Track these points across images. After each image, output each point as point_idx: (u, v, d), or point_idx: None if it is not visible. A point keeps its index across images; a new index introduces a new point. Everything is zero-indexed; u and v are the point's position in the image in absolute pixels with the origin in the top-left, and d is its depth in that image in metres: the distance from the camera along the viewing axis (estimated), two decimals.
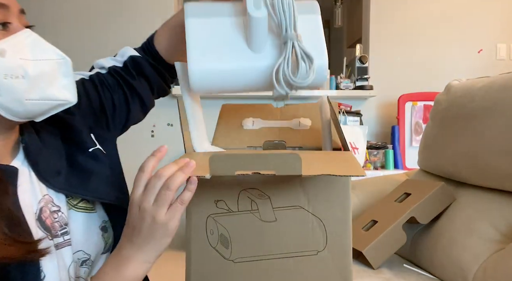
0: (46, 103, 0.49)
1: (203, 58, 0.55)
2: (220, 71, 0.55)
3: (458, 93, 1.00)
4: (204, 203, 0.56)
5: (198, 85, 0.55)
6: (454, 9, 2.74)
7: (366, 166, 2.25)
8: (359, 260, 0.91)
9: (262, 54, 0.55)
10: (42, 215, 0.53)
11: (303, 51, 0.53)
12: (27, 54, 0.47)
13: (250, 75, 0.56)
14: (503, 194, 0.86)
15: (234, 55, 0.55)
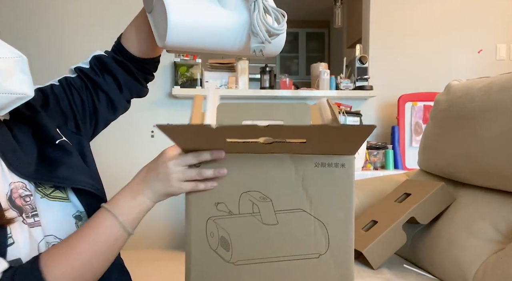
0: (5, 96, 0.55)
1: (181, 10, 0.56)
2: (197, 25, 0.57)
3: (458, 93, 1.00)
4: (205, 205, 0.56)
5: (174, 39, 0.56)
6: (454, 9, 2.74)
7: (366, 167, 2.25)
8: (359, 260, 0.91)
9: (234, 12, 0.59)
10: (13, 196, 0.57)
11: (272, 6, 0.58)
12: None
13: (225, 30, 0.58)
14: (503, 194, 0.86)
15: (209, 10, 0.58)
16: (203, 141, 0.52)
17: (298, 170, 0.54)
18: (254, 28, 0.56)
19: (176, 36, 0.56)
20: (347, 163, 0.52)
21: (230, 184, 0.55)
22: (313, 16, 5.02)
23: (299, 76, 5.11)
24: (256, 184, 0.54)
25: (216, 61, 2.62)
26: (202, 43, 0.58)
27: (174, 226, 2.64)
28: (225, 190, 0.55)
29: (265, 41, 0.57)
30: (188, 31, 0.56)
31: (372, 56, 2.68)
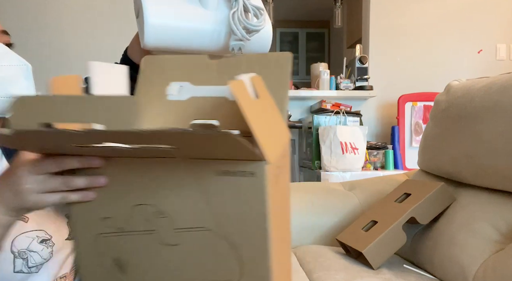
0: (10, 100, 0.57)
1: (159, 11, 0.56)
2: (175, 26, 0.57)
3: (458, 93, 1.00)
4: (91, 220, 0.47)
5: (152, 40, 0.57)
6: (454, 10, 2.74)
7: (366, 167, 2.25)
8: (359, 260, 0.91)
9: (214, 11, 0.59)
10: None
11: (253, 4, 0.60)
12: None
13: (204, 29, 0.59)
14: (503, 195, 0.86)
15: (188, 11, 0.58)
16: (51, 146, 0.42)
17: (197, 178, 0.43)
18: (231, 25, 0.58)
19: (153, 37, 0.56)
20: (258, 171, 0.40)
21: (116, 195, 0.45)
22: (313, 16, 5.02)
23: (299, 76, 5.11)
24: (149, 196, 0.44)
25: None
26: (182, 43, 0.59)
27: None
28: (112, 203, 0.45)
29: (243, 38, 0.59)
30: (165, 31, 0.57)
31: (372, 56, 2.68)
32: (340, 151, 2.06)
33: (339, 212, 1.16)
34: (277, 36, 5.22)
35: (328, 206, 1.17)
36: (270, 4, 2.96)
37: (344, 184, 1.31)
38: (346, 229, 1.01)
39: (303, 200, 1.18)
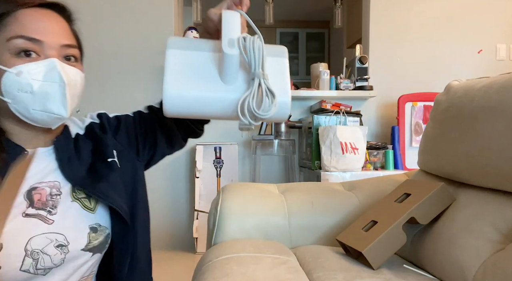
0: (47, 114, 0.65)
1: (177, 84, 0.60)
2: (191, 98, 0.61)
3: (458, 93, 1.00)
4: None
5: (170, 109, 0.61)
6: (454, 10, 2.74)
7: (366, 167, 2.25)
8: (359, 261, 0.91)
9: (232, 87, 0.62)
10: (33, 191, 0.66)
11: (268, 88, 0.60)
12: (39, 76, 0.64)
13: (219, 104, 0.61)
14: (503, 195, 0.86)
15: (207, 84, 0.61)
16: None
17: None
18: (238, 112, 0.60)
19: (171, 107, 0.61)
20: None
21: None
22: (313, 16, 5.02)
23: (299, 76, 5.12)
24: None
25: None
26: (198, 113, 0.63)
27: (173, 227, 2.64)
28: None
29: (250, 125, 0.62)
30: (183, 102, 0.61)
31: (372, 56, 2.68)
32: (340, 151, 2.06)
33: (339, 212, 1.16)
34: (277, 36, 5.22)
35: (328, 206, 1.17)
36: (270, 4, 2.96)
37: (344, 184, 1.31)
38: (346, 229, 1.01)
39: (303, 200, 1.18)
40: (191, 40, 0.67)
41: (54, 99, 0.64)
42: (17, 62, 0.63)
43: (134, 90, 2.58)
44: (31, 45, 0.64)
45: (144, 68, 2.58)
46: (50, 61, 0.65)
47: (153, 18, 2.54)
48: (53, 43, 0.66)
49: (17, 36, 0.64)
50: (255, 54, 0.60)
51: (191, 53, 0.63)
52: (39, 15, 0.67)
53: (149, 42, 2.57)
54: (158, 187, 2.54)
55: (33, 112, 0.64)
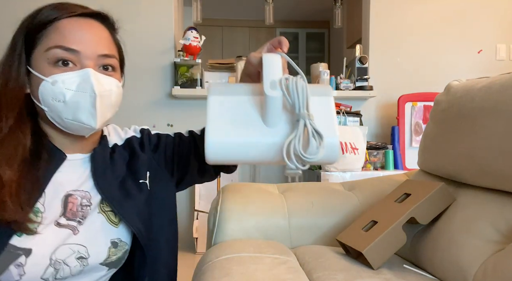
0: (77, 124, 0.67)
1: (220, 131, 0.59)
2: (234, 144, 0.59)
3: (458, 93, 1.00)
4: None
5: (212, 156, 0.59)
6: (454, 10, 2.74)
7: (366, 167, 2.25)
8: (359, 261, 0.91)
9: (276, 130, 0.59)
10: (69, 198, 0.68)
11: (314, 129, 0.57)
12: (73, 86, 0.65)
13: (263, 149, 0.59)
14: (503, 195, 0.86)
15: (249, 129, 0.59)
16: None
17: None
18: (283, 156, 0.56)
19: (213, 155, 0.59)
20: None
21: None
22: (313, 16, 5.02)
23: None
24: None
25: (216, 61, 2.62)
26: (241, 159, 0.60)
27: None
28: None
29: (297, 169, 0.57)
30: (225, 150, 0.59)
31: (372, 56, 2.68)
32: (340, 151, 2.06)
33: (339, 212, 1.16)
34: (277, 36, 5.23)
35: (328, 206, 1.17)
36: (270, 4, 2.96)
37: (344, 184, 1.31)
38: (346, 229, 1.01)
39: (303, 200, 1.18)
40: (232, 85, 0.66)
41: (84, 110, 0.65)
42: (54, 71, 0.65)
43: (134, 90, 2.58)
44: (68, 55, 0.65)
45: (144, 68, 2.58)
46: (85, 72, 0.65)
47: (153, 18, 2.54)
48: (90, 53, 0.67)
49: (55, 46, 0.65)
50: (298, 94, 0.57)
51: (232, 98, 0.62)
52: (78, 25, 0.68)
53: (149, 42, 2.57)
54: None
55: (65, 121, 0.66)
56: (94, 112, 0.66)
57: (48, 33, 0.66)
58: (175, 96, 2.46)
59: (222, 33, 5.11)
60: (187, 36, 2.40)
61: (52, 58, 0.65)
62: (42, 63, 0.66)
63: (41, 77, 0.65)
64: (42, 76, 0.65)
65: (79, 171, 0.72)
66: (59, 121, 0.67)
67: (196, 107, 2.57)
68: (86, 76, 0.65)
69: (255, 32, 5.18)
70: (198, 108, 2.57)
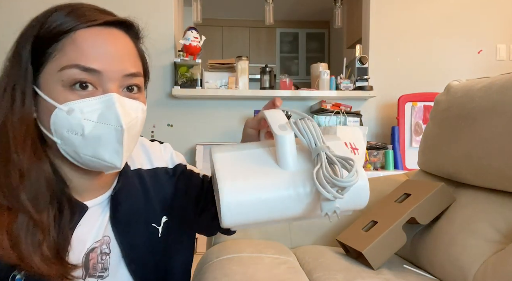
0: (98, 161, 0.55)
1: (236, 189, 0.50)
2: (257, 200, 0.50)
3: (458, 93, 1.00)
4: None
5: (230, 220, 0.49)
6: (454, 10, 2.74)
7: (366, 167, 2.25)
8: (359, 261, 0.91)
9: (294, 172, 0.52)
10: (91, 255, 0.60)
11: (339, 156, 0.51)
12: (93, 116, 0.53)
13: (286, 196, 0.51)
14: (503, 195, 0.86)
15: (268, 179, 0.51)
16: None
17: None
18: (317, 186, 0.48)
19: (232, 218, 0.49)
20: None
21: None
22: (313, 16, 5.02)
23: (299, 76, 5.12)
24: None
25: (216, 61, 2.62)
26: (265, 217, 0.52)
27: None
28: None
29: (336, 198, 0.48)
30: (247, 210, 0.50)
31: (372, 56, 2.69)
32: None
33: None
34: (277, 36, 5.22)
35: None
36: (270, 4, 2.96)
37: None
38: (346, 229, 1.01)
39: None
40: (234, 145, 0.59)
41: (107, 146, 0.53)
42: (70, 97, 0.53)
43: None
44: (88, 76, 0.53)
45: None
46: (108, 98, 0.53)
47: (153, 18, 2.54)
48: (114, 74, 0.55)
49: (72, 65, 0.53)
50: (311, 130, 0.53)
51: (240, 153, 0.55)
52: (101, 38, 0.55)
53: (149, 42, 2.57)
54: None
55: (83, 157, 0.54)
56: (119, 148, 0.54)
57: (62, 47, 0.53)
58: (175, 96, 2.46)
59: (222, 33, 5.11)
60: (187, 36, 2.40)
61: (68, 80, 0.53)
62: (55, 85, 0.53)
63: (54, 103, 0.53)
64: (54, 103, 0.53)
65: (99, 219, 0.62)
66: (74, 156, 0.55)
67: (196, 107, 2.57)
68: (110, 103, 0.53)
69: (255, 32, 5.18)
70: (198, 108, 2.57)
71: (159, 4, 2.55)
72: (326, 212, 0.49)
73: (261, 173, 0.52)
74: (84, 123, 0.52)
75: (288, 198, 0.51)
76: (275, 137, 0.52)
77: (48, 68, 0.54)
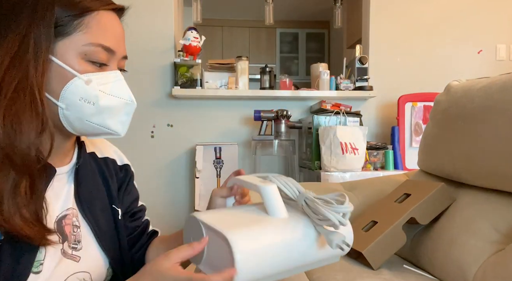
0: (101, 128, 0.59)
1: (245, 235, 0.47)
2: (266, 247, 0.47)
3: (458, 93, 1.00)
4: None
5: (246, 274, 0.45)
6: (454, 10, 2.74)
7: (366, 167, 2.25)
8: (359, 261, 0.91)
9: (289, 216, 0.52)
10: (63, 221, 0.61)
11: (322, 198, 0.52)
12: (107, 89, 0.58)
13: (293, 236, 0.50)
14: (503, 195, 0.86)
15: (268, 224, 0.50)
16: None
17: None
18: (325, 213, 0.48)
19: (247, 271, 0.46)
20: None
21: None
22: (313, 16, 5.02)
23: (299, 76, 5.12)
24: None
25: (216, 61, 2.62)
26: (279, 265, 0.49)
27: (173, 227, 2.64)
28: None
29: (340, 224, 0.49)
30: (260, 259, 0.47)
31: (372, 56, 2.68)
32: (340, 151, 2.06)
33: None
34: (277, 36, 5.22)
35: None
36: (270, 4, 2.96)
37: (344, 185, 1.31)
38: None
39: None
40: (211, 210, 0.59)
41: (115, 117, 0.59)
42: (89, 69, 0.56)
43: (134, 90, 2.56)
44: (106, 55, 0.58)
45: (144, 68, 2.58)
46: (117, 74, 0.59)
47: (153, 18, 2.54)
48: (119, 55, 0.61)
49: (97, 43, 0.57)
50: (288, 182, 0.55)
51: (225, 212, 0.56)
52: (116, 21, 0.61)
53: (149, 43, 2.57)
54: (158, 187, 2.54)
55: (86, 123, 0.57)
56: (126, 119, 0.60)
57: (89, 23, 0.56)
58: (175, 96, 2.45)
59: (222, 33, 5.11)
60: (187, 36, 2.40)
61: (91, 55, 0.56)
62: (74, 56, 0.56)
63: (74, 72, 0.55)
64: (74, 72, 0.55)
65: (65, 189, 0.63)
66: (73, 122, 0.57)
67: (196, 107, 2.57)
68: (119, 79, 0.59)
69: (255, 32, 5.18)
70: (198, 108, 2.57)
71: (159, 4, 2.55)
72: (336, 243, 0.49)
73: (260, 222, 0.50)
74: (99, 94, 0.57)
75: (297, 240, 0.50)
76: (261, 190, 0.53)
77: (71, 40, 0.56)
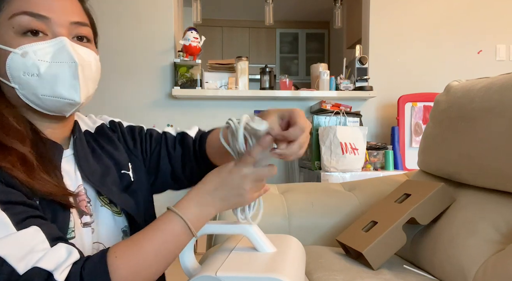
0: (58, 100, 0.58)
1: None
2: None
3: (458, 93, 1.00)
4: None
5: None
6: (454, 10, 2.74)
7: (366, 167, 2.25)
8: (359, 261, 0.91)
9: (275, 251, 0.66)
10: (77, 198, 0.62)
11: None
12: (47, 57, 0.57)
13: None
14: (503, 195, 0.86)
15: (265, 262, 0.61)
16: None
17: None
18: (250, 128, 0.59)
19: None
20: None
21: None
22: (313, 16, 5.02)
23: (299, 76, 5.12)
24: None
25: (216, 61, 2.62)
26: None
27: None
28: None
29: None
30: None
31: (372, 56, 2.69)
32: (340, 151, 2.06)
33: (339, 213, 1.16)
34: (277, 36, 5.22)
35: (328, 207, 1.17)
36: (270, 4, 2.96)
37: (344, 185, 1.31)
38: (346, 229, 1.01)
39: (303, 200, 1.18)
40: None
41: (63, 82, 0.57)
42: (22, 42, 0.56)
43: (134, 90, 2.57)
44: (38, 23, 0.57)
45: (144, 69, 2.58)
46: (59, 40, 0.57)
47: (153, 19, 2.54)
48: (61, 20, 0.59)
49: (21, 12, 0.56)
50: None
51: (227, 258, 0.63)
52: None
53: (149, 43, 2.57)
54: None
55: (42, 98, 0.57)
56: (76, 83, 0.58)
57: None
58: (175, 96, 2.46)
59: (222, 33, 5.11)
60: (187, 36, 2.40)
61: (18, 27, 0.56)
62: (7, 32, 0.56)
63: (8, 48, 0.56)
64: (8, 48, 0.56)
65: (72, 169, 0.64)
66: (34, 100, 0.58)
67: (196, 108, 2.58)
68: (61, 45, 0.57)
69: (255, 32, 5.18)
70: (198, 108, 2.57)
71: (159, 4, 2.55)
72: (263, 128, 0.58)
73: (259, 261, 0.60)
74: (39, 64, 0.56)
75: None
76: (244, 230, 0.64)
77: (0, 18, 0.57)
